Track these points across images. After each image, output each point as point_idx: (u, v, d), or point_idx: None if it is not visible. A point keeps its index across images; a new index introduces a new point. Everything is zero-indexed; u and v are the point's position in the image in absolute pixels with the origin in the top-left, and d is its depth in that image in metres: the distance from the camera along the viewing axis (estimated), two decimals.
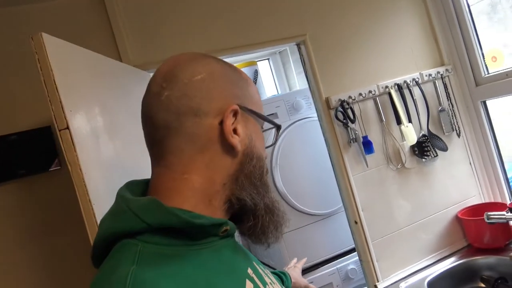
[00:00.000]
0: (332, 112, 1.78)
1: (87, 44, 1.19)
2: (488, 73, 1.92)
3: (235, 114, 0.62)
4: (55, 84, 0.89)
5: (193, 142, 0.60)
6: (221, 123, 0.61)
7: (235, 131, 0.62)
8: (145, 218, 0.55)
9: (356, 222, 1.78)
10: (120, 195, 0.61)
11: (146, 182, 0.67)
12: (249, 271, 0.64)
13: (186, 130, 0.60)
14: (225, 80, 0.64)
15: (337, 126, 1.79)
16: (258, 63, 2.63)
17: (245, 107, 0.64)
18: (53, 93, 0.89)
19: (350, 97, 1.80)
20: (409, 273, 1.79)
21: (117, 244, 0.56)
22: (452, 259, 1.82)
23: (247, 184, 0.64)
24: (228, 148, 0.61)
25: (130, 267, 0.51)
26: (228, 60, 2.43)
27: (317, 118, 1.90)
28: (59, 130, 0.91)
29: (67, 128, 0.91)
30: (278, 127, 0.72)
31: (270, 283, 0.69)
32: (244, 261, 0.66)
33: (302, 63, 1.85)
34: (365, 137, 1.81)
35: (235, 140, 0.61)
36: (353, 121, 1.79)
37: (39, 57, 0.89)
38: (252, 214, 0.65)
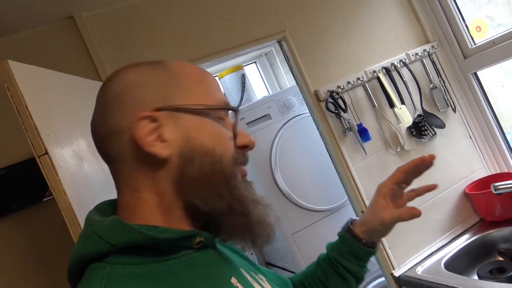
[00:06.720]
0: (323, 104, 1.75)
1: (66, 69, 1.17)
2: (475, 44, 1.89)
3: (154, 119, 0.58)
4: (28, 110, 0.87)
5: (124, 162, 0.59)
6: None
7: (161, 136, 0.58)
8: (109, 239, 0.54)
9: (363, 212, 1.74)
10: (87, 218, 0.60)
11: (116, 202, 0.65)
12: (233, 280, 0.61)
13: (113, 154, 0.59)
14: (142, 86, 0.60)
15: (329, 117, 1.75)
16: (245, 68, 2.61)
17: (170, 106, 0.59)
18: (27, 119, 0.87)
19: (338, 86, 1.77)
20: (424, 256, 1.74)
21: (88, 268, 0.55)
22: (466, 236, 1.77)
23: (195, 187, 0.59)
24: (154, 158, 0.57)
25: None
26: (213, 68, 2.37)
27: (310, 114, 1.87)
28: (38, 156, 0.88)
29: (46, 153, 0.88)
30: (231, 109, 0.64)
31: None
32: (227, 270, 0.62)
33: (286, 59, 1.82)
34: (359, 125, 1.78)
35: (155, 149, 0.57)
36: (345, 110, 1.75)
37: (8, 84, 0.86)
38: (220, 217, 0.61)
